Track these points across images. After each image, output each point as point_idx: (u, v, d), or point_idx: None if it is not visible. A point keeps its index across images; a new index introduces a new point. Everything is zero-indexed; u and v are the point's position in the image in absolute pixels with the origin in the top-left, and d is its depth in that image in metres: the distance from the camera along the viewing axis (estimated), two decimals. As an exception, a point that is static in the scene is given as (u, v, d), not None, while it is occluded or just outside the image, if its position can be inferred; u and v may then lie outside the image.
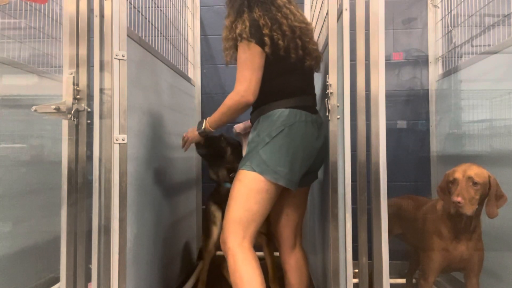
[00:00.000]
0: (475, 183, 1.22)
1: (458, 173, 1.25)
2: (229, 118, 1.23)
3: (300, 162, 1.18)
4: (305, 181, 1.30)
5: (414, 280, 1.82)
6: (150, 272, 1.41)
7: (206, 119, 1.30)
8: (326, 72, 1.21)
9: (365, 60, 1.18)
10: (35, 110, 1.01)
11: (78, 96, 1.07)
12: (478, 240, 1.30)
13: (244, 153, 1.48)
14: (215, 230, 1.65)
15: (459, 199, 1.21)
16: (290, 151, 1.16)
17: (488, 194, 1.23)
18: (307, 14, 2.12)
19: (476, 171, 1.23)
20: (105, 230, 1.06)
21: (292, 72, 1.23)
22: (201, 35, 2.28)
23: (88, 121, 1.09)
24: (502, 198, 1.23)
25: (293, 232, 1.36)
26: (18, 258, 1.55)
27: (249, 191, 1.15)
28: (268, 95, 1.22)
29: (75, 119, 1.06)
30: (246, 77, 1.16)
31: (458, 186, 1.23)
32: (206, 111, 2.28)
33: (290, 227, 1.35)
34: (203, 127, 1.31)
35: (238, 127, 1.53)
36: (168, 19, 1.83)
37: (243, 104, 1.17)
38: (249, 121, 1.43)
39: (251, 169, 1.16)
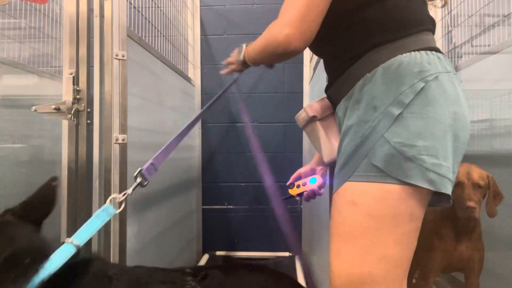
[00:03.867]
0: (479, 186, 1.22)
1: (462, 176, 1.23)
2: (265, 58, 0.77)
3: (459, 149, 0.65)
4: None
5: (414, 280, 1.82)
6: (150, 272, 1.41)
7: (246, 45, 0.87)
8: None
9: (365, 60, 1.18)
10: (35, 110, 1.01)
11: (78, 96, 1.07)
12: (478, 240, 1.30)
13: (329, 153, 0.87)
14: None
15: (472, 203, 1.17)
16: (445, 127, 0.62)
17: (488, 193, 1.23)
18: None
19: (478, 174, 1.23)
20: (105, 230, 1.06)
21: None
22: (201, 35, 2.28)
23: (88, 121, 1.09)
24: (499, 196, 1.23)
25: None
26: (18, 258, 1.55)
27: (380, 222, 0.62)
28: (370, 33, 0.68)
29: (75, 119, 1.06)
30: (296, 6, 0.65)
31: (465, 190, 1.21)
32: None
33: None
34: (241, 56, 0.88)
35: (312, 108, 0.89)
36: (168, 19, 1.83)
37: (283, 47, 0.66)
38: (325, 98, 0.88)
39: (374, 178, 0.62)
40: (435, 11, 2.04)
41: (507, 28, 1.46)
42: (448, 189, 0.61)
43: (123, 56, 1.09)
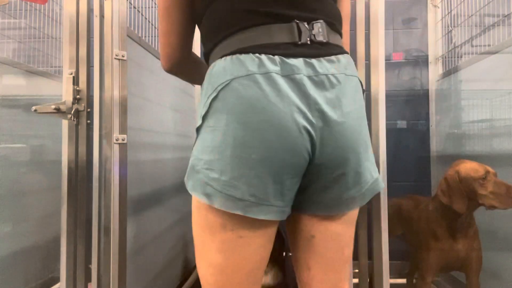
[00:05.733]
0: (496, 176, 1.22)
1: (483, 168, 1.22)
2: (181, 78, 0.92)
3: (257, 161, 0.58)
4: (320, 201, 0.67)
5: (414, 280, 1.82)
6: (150, 272, 1.41)
7: None
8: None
9: (365, 60, 1.18)
10: (35, 110, 1.01)
11: (78, 96, 1.07)
12: (474, 238, 1.30)
13: None
14: None
15: None
16: (231, 139, 0.59)
17: None
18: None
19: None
20: (105, 230, 1.06)
21: None
22: (201, 35, 2.28)
23: (88, 121, 1.09)
24: None
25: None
26: (18, 258, 1.55)
27: (202, 230, 0.64)
28: (207, 40, 0.70)
29: (75, 119, 1.06)
30: (159, 31, 0.79)
31: (498, 181, 1.19)
32: (206, 111, 2.27)
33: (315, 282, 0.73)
34: None
35: None
36: (168, 19, 1.83)
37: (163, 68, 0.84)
38: None
39: (189, 188, 0.64)
40: (435, 11, 2.04)
41: (507, 28, 1.46)
42: (222, 205, 0.59)
43: (123, 56, 1.09)
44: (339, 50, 0.66)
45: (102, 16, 1.07)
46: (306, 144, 0.60)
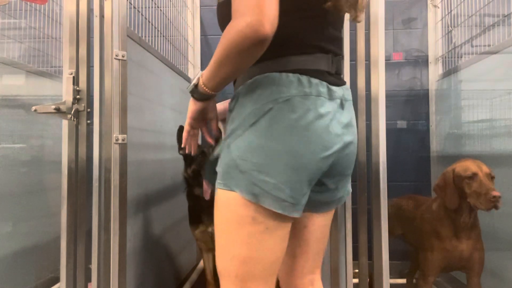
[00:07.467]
0: (492, 177, 1.22)
1: (474, 168, 1.22)
2: (230, 66, 0.65)
3: (302, 168, 0.67)
4: (318, 201, 0.79)
5: (414, 280, 1.82)
6: (150, 272, 1.41)
7: (200, 73, 0.75)
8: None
9: (365, 60, 1.19)
10: (35, 110, 1.01)
11: (78, 96, 1.07)
12: (477, 239, 1.29)
13: None
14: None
15: (497, 193, 1.14)
16: (283, 147, 0.66)
17: None
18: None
19: (486, 166, 1.24)
20: (105, 230, 1.06)
21: (303, 12, 0.71)
22: (201, 35, 2.28)
23: (88, 121, 1.09)
24: None
25: (298, 276, 0.87)
26: (18, 258, 1.55)
27: (229, 225, 0.70)
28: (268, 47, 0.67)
29: (75, 119, 1.06)
30: None
31: (483, 181, 1.19)
32: (206, 111, 2.28)
33: (295, 273, 0.87)
34: (193, 83, 0.75)
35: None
36: (168, 19, 1.83)
37: (251, 37, 0.58)
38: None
39: (223, 185, 0.70)
40: (435, 11, 2.04)
41: (507, 28, 1.46)
42: (270, 205, 0.66)
43: (123, 56, 1.09)
44: (344, 80, 0.81)
45: (102, 16, 1.07)
46: (335, 155, 0.71)
